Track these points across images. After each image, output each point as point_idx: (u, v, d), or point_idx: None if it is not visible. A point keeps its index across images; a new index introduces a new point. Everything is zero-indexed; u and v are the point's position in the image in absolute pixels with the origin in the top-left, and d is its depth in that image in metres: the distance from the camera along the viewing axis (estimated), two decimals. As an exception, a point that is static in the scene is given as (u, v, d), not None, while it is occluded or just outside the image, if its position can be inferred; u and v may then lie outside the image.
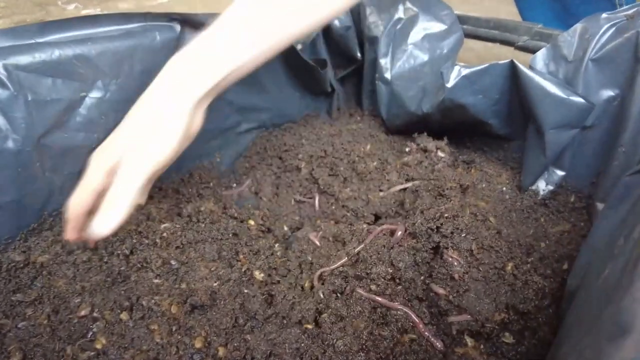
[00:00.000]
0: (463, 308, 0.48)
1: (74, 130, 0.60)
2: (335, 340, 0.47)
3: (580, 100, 0.59)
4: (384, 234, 0.57)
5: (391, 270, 0.52)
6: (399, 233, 0.56)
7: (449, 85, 0.66)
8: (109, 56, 0.60)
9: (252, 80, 0.75)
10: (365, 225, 0.63)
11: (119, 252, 0.57)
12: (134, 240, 0.59)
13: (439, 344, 0.48)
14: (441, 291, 0.51)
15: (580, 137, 0.65)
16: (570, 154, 0.67)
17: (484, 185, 0.73)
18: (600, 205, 0.63)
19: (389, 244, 0.55)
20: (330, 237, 0.63)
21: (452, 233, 0.53)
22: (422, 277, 0.53)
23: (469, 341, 0.48)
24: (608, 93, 0.61)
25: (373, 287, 0.51)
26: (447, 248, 0.53)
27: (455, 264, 0.51)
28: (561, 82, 0.61)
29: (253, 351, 0.48)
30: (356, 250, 0.56)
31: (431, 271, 0.53)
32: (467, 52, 0.79)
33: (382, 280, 0.52)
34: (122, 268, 0.56)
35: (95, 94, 0.60)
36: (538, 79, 0.60)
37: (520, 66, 0.61)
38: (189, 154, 0.75)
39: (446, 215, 0.55)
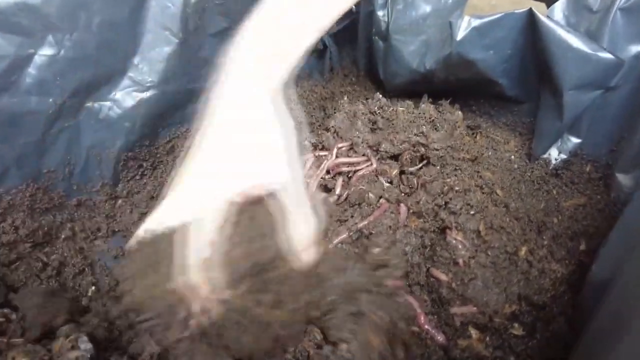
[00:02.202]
0: (468, 298, 0.43)
1: (24, 93, 0.53)
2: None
3: (608, 56, 0.51)
4: (391, 212, 0.50)
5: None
6: (404, 210, 0.49)
7: (458, 38, 0.57)
8: (59, 5, 0.51)
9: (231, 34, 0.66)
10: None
11: None
12: None
13: (440, 338, 0.43)
14: (443, 277, 0.45)
15: (600, 100, 0.58)
16: (587, 118, 0.60)
17: (490, 154, 0.67)
18: (620, 177, 0.57)
19: (395, 224, 0.48)
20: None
21: (461, 209, 0.47)
22: (424, 261, 0.47)
23: (474, 332, 0.43)
24: (637, 48, 0.54)
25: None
26: (450, 228, 0.46)
27: (460, 247, 0.45)
28: (585, 35, 0.53)
29: None
30: (359, 225, 0.49)
31: (432, 254, 0.47)
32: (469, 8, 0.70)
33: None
34: None
35: (46, 51, 0.52)
36: (560, 31, 0.52)
37: (540, 15, 0.53)
38: (164, 122, 0.68)
39: (456, 189, 0.48)
